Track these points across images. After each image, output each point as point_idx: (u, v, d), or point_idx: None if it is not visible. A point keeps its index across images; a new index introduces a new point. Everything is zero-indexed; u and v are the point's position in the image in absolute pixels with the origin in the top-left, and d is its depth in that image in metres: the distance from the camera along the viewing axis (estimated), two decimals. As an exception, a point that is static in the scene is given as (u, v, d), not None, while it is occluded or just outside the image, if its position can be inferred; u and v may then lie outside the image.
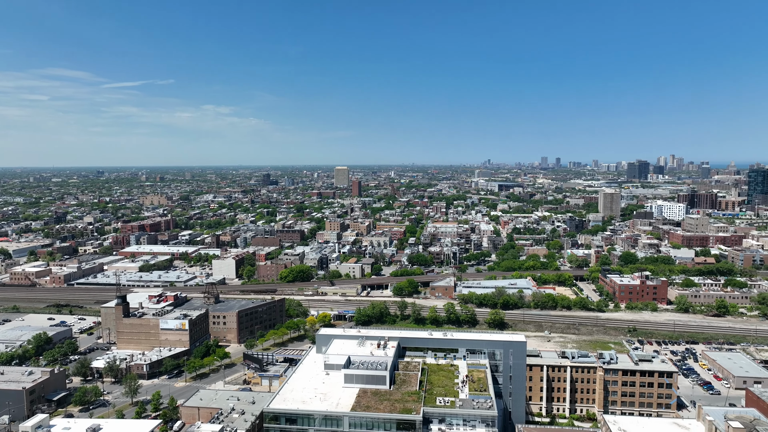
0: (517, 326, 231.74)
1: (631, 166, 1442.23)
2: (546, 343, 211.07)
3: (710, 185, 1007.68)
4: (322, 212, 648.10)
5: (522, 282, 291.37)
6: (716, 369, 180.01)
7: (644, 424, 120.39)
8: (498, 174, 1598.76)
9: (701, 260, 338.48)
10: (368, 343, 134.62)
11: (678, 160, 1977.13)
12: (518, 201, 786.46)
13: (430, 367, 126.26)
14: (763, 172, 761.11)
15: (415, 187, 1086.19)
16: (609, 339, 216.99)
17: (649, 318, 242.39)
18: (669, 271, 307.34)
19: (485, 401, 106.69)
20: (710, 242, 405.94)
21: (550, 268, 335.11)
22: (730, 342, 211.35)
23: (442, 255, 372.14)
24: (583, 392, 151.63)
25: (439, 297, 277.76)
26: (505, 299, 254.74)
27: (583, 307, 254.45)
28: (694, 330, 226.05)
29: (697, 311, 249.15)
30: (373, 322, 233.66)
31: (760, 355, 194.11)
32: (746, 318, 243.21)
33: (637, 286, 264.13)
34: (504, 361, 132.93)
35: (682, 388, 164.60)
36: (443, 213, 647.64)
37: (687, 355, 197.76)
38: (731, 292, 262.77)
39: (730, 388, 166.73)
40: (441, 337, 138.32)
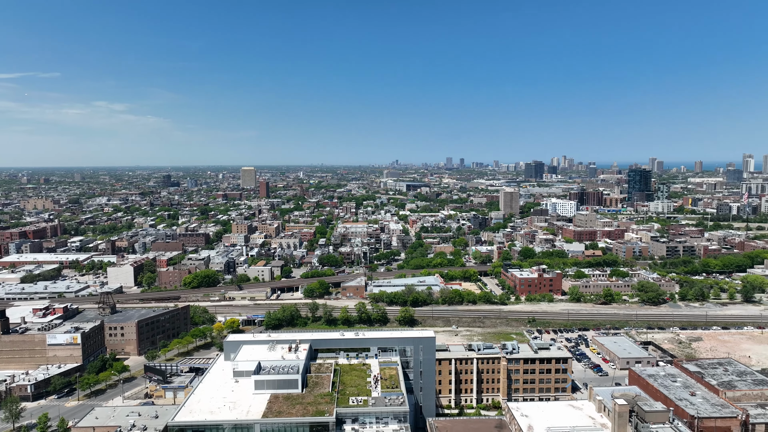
0: (427, 322, 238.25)
1: (528, 167, 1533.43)
2: (454, 337, 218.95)
3: (597, 184, 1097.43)
4: (228, 214, 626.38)
5: (430, 279, 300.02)
6: (604, 352, 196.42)
7: (543, 408, 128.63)
8: (406, 174, 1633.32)
9: (590, 253, 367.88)
10: (279, 347, 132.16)
11: (569, 160, 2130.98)
12: (425, 200, 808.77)
13: (342, 367, 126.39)
14: (641, 171, 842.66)
15: (324, 187, 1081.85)
16: (511, 330, 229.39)
17: (547, 308, 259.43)
18: (563, 264, 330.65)
19: (397, 398, 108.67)
20: (597, 236, 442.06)
21: (457, 265, 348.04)
22: (616, 327, 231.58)
23: (353, 255, 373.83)
24: (488, 382, 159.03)
25: (350, 297, 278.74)
26: (415, 296, 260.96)
27: (487, 301, 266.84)
28: (585, 318, 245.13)
29: (588, 300, 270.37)
30: (283, 326, 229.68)
31: (640, 337, 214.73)
32: (628, 304, 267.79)
33: (536, 279, 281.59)
34: (414, 357, 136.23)
35: (576, 372, 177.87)
36: (353, 213, 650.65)
37: (579, 341, 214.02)
38: (616, 282, 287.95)
39: (616, 369, 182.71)
40: (353, 337, 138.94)
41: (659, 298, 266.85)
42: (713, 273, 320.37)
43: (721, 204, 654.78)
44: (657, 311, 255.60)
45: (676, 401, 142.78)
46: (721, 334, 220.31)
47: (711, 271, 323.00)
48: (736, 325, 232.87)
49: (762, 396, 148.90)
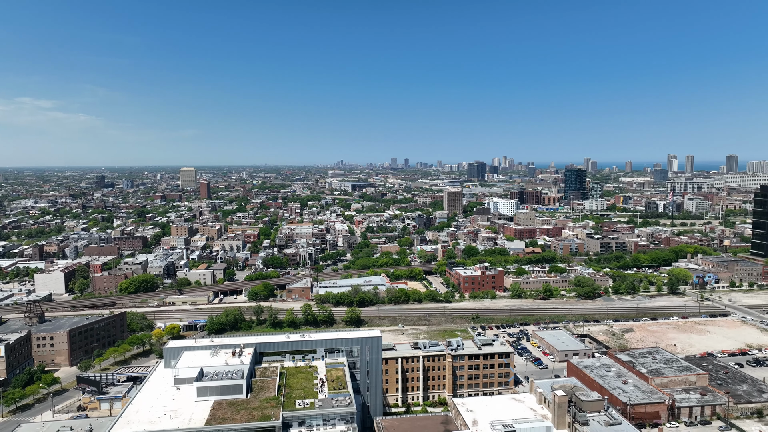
0: (373, 322, 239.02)
1: (471, 167, 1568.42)
2: (400, 336, 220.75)
3: (536, 183, 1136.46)
4: (167, 216, 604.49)
5: (377, 279, 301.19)
6: (544, 346, 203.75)
7: (487, 402, 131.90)
8: (351, 174, 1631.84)
9: (530, 250, 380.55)
10: (222, 352, 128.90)
11: (510, 161, 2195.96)
12: (371, 200, 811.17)
13: (288, 370, 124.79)
14: (576, 171, 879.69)
15: (268, 188, 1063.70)
16: (456, 327, 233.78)
17: (490, 305, 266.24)
18: (505, 262, 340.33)
19: (344, 399, 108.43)
20: (537, 234, 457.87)
21: (402, 264, 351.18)
22: (555, 321, 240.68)
23: (298, 256, 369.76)
24: (434, 379, 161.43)
25: (296, 299, 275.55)
26: (361, 297, 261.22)
27: (432, 300, 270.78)
28: (526, 313, 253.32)
29: (528, 296, 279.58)
30: (227, 330, 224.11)
31: (578, 330, 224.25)
32: (566, 299, 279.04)
33: (479, 276, 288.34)
34: (361, 357, 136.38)
35: (518, 366, 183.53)
36: (298, 214, 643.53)
37: (521, 335, 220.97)
38: (554, 278, 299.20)
39: (555, 362, 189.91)
40: (299, 339, 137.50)
41: (594, 293, 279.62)
42: (643, 267, 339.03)
43: (649, 202, 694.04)
44: (592, 305, 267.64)
45: (610, 390, 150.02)
46: (650, 325, 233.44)
47: (641, 265, 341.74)
48: (663, 315, 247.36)
49: (686, 381, 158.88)
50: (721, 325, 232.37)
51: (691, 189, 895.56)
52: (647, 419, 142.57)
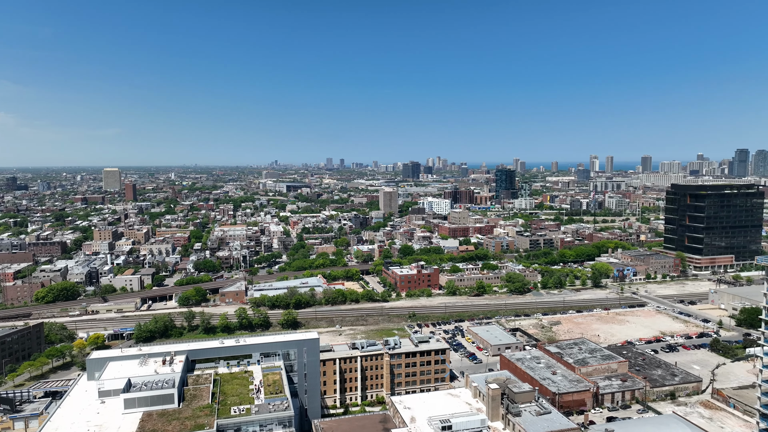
0: (311, 324, 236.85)
1: (406, 167, 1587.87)
2: (338, 336, 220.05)
3: (468, 183, 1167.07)
4: (89, 220, 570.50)
5: (313, 280, 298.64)
6: (478, 341, 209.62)
7: (425, 399, 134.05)
8: (286, 175, 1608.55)
9: (464, 248, 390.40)
10: (152, 361, 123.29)
11: (443, 161, 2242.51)
12: (306, 201, 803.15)
13: (223, 377, 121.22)
14: (506, 171, 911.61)
15: (199, 189, 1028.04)
16: (393, 326, 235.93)
17: (426, 303, 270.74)
18: (440, 260, 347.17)
19: (281, 403, 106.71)
20: (470, 232, 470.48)
21: (339, 265, 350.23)
22: (488, 316, 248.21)
23: (232, 259, 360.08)
24: (372, 378, 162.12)
25: (230, 303, 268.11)
26: (298, 298, 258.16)
27: (369, 299, 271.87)
28: (461, 309, 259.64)
29: (463, 293, 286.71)
30: (156, 338, 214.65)
31: (509, 325, 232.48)
32: (498, 295, 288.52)
33: (415, 275, 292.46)
34: (298, 360, 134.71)
35: (454, 362, 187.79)
36: (231, 216, 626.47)
37: (456, 332, 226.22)
38: (487, 274, 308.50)
39: (489, 356, 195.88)
40: (233, 345, 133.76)
41: (524, 288, 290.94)
42: (569, 262, 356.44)
43: (573, 200, 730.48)
44: (523, 299, 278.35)
45: (540, 381, 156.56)
46: (576, 317, 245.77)
47: (567, 260, 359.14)
48: (587, 308, 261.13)
49: (609, 369, 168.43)
50: (638, 314, 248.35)
51: (611, 188, 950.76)
52: (574, 407, 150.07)
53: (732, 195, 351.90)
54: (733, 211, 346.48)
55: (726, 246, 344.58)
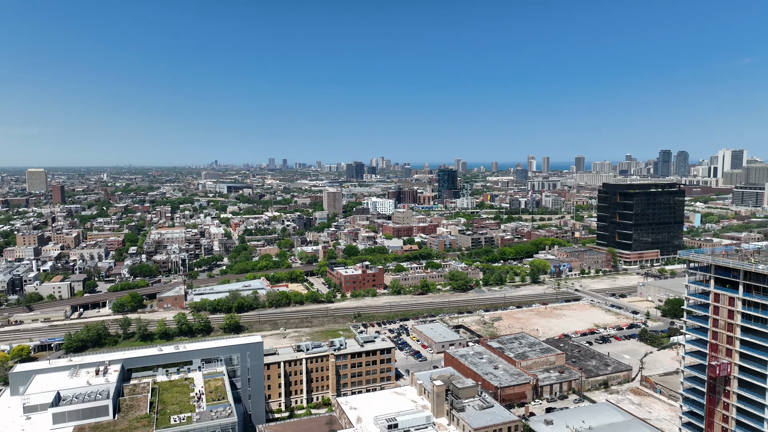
0: (254, 327, 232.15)
1: (350, 167, 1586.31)
2: (282, 339, 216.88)
3: (412, 183, 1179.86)
4: (11, 224, 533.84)
5: (256, 283, 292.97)
6: (423, 339, 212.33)
7: (371, 398, 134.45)
8: (226, 175, 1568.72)
9: (408, 248, 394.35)
10: (84, 371, 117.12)
11: (387, 161, 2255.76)
12: (248, 202, 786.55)
13: (161, 385, 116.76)
14: (448, 171, 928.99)
15: (134, 190, 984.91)
16: (338, 327, 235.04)
17: (371, 303, 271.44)
18: (384, 260, 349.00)
19: (224, 409, 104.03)
20: (414, 232, 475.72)
21: (283, 267, 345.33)
22: (432, 314, 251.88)
23: (170, 263, 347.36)
24: (318, 380, 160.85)
25: (168, 308, 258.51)
26: (240, 302, 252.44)
27: (314, 301, 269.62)
28: (405, 308, 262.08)
29: (407, 292, 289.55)
30: (89, 347, 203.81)
31: (453, 322, 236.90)
32: (442, 293, 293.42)
33: (360, 275, 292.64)
34: (242, 364, 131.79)
35: (399, 360, 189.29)
36: (168, 218, 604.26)
37: (401, 330, 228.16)
38: (431, 273, 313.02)
39: (433, 353, 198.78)
40: (172, 351, 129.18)
41: (467, 285, 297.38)
42: (509, 260, 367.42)
43: (512, 199, 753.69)
44: (466, 297, 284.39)
45: (483, 375, 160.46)
46: (516, 313, 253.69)
47: (507, 258, 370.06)
48: (527, 303, 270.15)
49: (547, 362, 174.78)
50: (574, 308, 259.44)
51: (547, 187, 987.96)
52: (515, 399, 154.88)
53: (657, 193, 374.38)
54: (658, 209, 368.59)
55: (652, 241, 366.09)
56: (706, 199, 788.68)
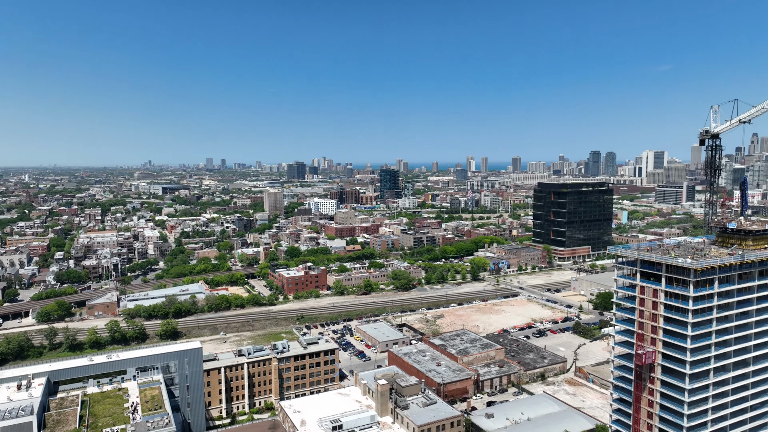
0: (192, 333, 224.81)
1: (291, 167, 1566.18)
2: (223, 344, 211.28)
3: (354, 183, 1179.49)
4: None
5: (194, 287, 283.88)
6: (367, 339, 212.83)
7: (315, 400, 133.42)
8: (161, 176, 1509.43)
9: (351, 248, 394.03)
10: (4, 387, 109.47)
11: (329, 161, 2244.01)
12: (185, 204, 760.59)
13: (92, 397, 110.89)
14: (390, 172, 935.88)
15: (59, 192, 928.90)
16: (281, 329, 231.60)
17: (314, 304, 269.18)
18: (327, 261, 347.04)
19: (161, 419, 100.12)
20: (357, 232, 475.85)
21: (222, 270, 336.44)
22: (376, 314, 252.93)
23: (101, 268, 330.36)
24: (260, 385, 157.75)
25: (99, 316, 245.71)
26: (178, 307, 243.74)
27: (256, 304, 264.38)
28: (349, 309, 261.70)
29: (351, 292, 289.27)
30: (9, 360, 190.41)
31: (396, 321, 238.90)
32: (385, 292, 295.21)
33: (302, 276, 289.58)
34: (180, 371, 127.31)
35: (343, 361, 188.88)
36: (99, 221, 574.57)
37: (345, 331, 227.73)
38: (374, 273, 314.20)
39: (377, 353, 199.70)
40: (104, 361, 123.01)
41: (410, 284, 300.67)
42: (450, 258, 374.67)
43: (453, 199, 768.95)
44: (408, 296, 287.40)
45: (426, 373, 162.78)
46: (457, 310, 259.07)
47: (448, 256, 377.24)
48: (468, 300, 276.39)
49: (488, 357, 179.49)
50: (512, 304, 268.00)
51: (486, 186, 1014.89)
52: (458, 395, 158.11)
53: (588, 192, 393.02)
54: (589, 207, 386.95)
55: (584, 238, 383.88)
56: (632, 198, 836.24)
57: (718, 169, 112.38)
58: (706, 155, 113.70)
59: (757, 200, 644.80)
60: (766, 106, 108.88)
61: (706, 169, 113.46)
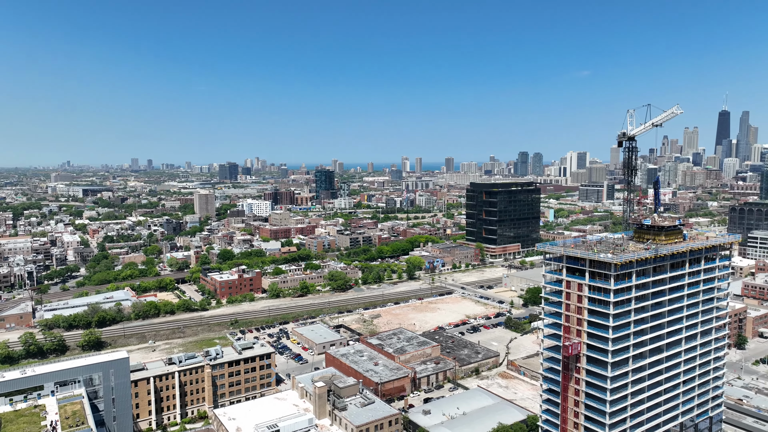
0: (118, 342, 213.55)
1: (222, 168, 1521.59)
2: (151, 353, 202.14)
3: (289, 184, 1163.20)
4: None
5: (120, 294, 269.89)
6: (303, 341, 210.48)
7: (250, 407, 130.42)
8: (81, 177, 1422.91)
9: (286, 250, 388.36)
10: None
11: (262, 161, 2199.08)
12: (109, 206, 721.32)
13: (4, 417, 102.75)
14: (326, 172, 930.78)
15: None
16: (214, 335, 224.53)
17: (248, 308, 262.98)
18: (262, 263, 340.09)
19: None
20: (292, 233, 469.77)
21: (150, 275, 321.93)
22: (312, 316, 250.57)
23: (13, 276, 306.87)
24: (193, 393, 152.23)
25: (12, 328, 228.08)
26: (102, 316, 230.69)
27: (187, 309, 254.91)
28: (285, 311, 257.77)
29: (287, 294, 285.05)
30: None
31: (333, 322, 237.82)
32: (322, 293, 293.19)
33: (236, 280, 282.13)
34: (104, 384, 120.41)
35: (280, 365, 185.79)
36: (10, 226, 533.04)
37: (281, 334, 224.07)
38: (310, 274, 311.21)
39: (314, 355, 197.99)
40: (17, 377, 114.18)
41: (347, 285, 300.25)
42: (386, 258, 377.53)
43: (388, 199, 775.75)
44: (345, 296, 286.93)
45: (364, 373, 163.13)
46: (394, 309, 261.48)
47: (384, 256, 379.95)
48: (404, 299, 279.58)
49: (424, 354, 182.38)
50: (447, 301, 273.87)
51: (421, 186, 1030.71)
52: (396, 393, 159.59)
53: (517, 192, 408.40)
54: (518, 206, 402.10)
55: (514, 236, 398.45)
56: (558, 196, 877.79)
57: (635, 169, 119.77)
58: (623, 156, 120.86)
59: (668, 198, 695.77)
60: (675, 110, 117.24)
61: (623, 169, 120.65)
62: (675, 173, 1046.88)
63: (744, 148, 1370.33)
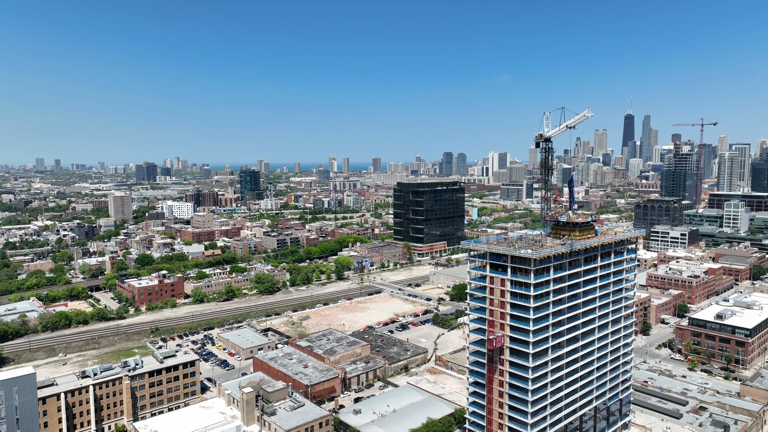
0: (23, 357, 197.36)
1: (140, 168, 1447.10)
2: (62, 367, 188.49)
3: (212, 185, 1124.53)
4: None
5: (24, 304, 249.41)
6: (230, 347, 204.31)
7: (174, 417, 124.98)
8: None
9: (210, 253, 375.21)
10: None
11: (183, 162, 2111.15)
12: (10, 210, 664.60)
13: None
14: (251, 172, 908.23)
15: None
16: (133, 345, 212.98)
17: (170, 315, 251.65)
18: (184, 267, 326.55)
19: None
20: (216, 236, 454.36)
21: (60, 283, 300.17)
22: (239, 320, 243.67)
23: None
24: (110, 407, 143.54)
25: None
26: (3, 329, 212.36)
27: (102, 318, 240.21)
28: (210, 317, 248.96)
29: (211, 299, 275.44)
30: None
31: (261, 326, 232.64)
32: (249, 297, 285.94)
33: (156, 286, 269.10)
34: (6, 403, 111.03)
35: (205, 372, 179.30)
36: None
37: (206, 340, 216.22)
38: (236, 278, 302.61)
39: (242, 360, 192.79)
40: None
41: (274, 287, 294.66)
42: (315, 258, 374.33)
43: (316, 199, 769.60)
44: (273, 299, 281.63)
45: (293, 376, 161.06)
46: (323, 310, 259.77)
47: (313, 257, 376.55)
48: (333, 300, 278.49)
49: (354, 354, 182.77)
50: (376, 300, 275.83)
51: (348, 187, 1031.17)
52: (326, 395, 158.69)
53: (443, 191, 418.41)
54: (444, 205, 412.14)
55: (440, 234, 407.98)
56: (481, 195, 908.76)
57: (551, 169, 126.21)
58: (540, 156, 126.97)
59: (582, 196, 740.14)
60: (587, 113, 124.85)
61: (541, 169, 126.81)
62: (587, 173, 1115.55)
63: (647, 149, 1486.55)
